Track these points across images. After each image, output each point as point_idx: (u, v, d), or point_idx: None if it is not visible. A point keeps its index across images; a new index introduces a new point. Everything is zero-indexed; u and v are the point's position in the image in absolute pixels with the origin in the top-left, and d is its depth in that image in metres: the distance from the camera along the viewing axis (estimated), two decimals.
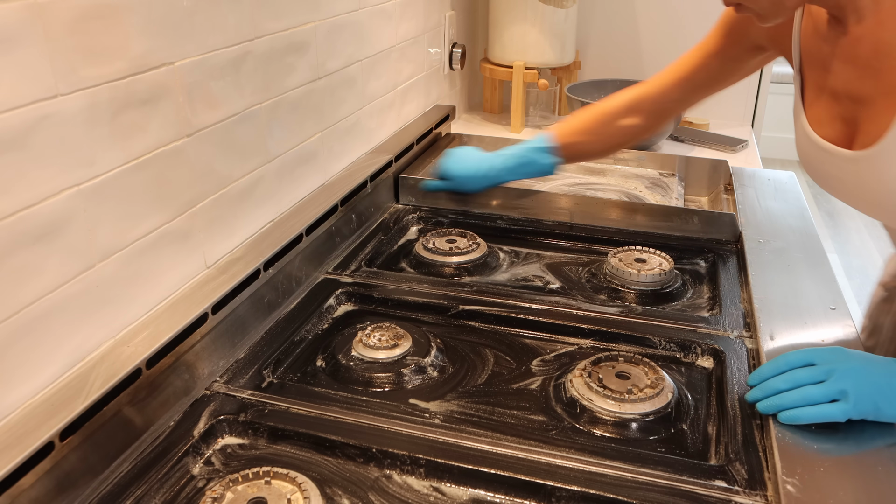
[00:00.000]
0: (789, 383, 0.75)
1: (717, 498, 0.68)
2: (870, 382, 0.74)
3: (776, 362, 0.78)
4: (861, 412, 0.73)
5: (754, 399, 0.77)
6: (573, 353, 0.94)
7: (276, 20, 0.98)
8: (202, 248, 0.89)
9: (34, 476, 0.62)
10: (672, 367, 0.91)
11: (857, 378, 0.74)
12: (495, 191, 1.31)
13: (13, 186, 0.63)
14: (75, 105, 0.68)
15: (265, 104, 0.98)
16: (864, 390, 0.73)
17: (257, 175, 0.99)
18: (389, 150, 1.34)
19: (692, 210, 1.23)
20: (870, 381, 0.74)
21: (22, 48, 0.62)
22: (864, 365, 0.75)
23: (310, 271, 1.07)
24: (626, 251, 1.14)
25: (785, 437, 0.73)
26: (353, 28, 1.20)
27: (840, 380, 0.74)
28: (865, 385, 0.73)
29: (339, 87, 1.19)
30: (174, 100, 0.81)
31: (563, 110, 1.92)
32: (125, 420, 0.73)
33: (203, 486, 0.72)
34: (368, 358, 0.89)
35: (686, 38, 1.88)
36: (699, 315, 1.00)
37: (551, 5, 1.70)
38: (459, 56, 1.71)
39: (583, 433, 0.79)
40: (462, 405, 0.84)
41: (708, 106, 1.87)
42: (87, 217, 0.71)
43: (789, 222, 1.21)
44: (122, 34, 0.72)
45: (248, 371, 0.86)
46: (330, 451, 0.76)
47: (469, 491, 0.72)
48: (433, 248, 1.16)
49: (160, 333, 0.77)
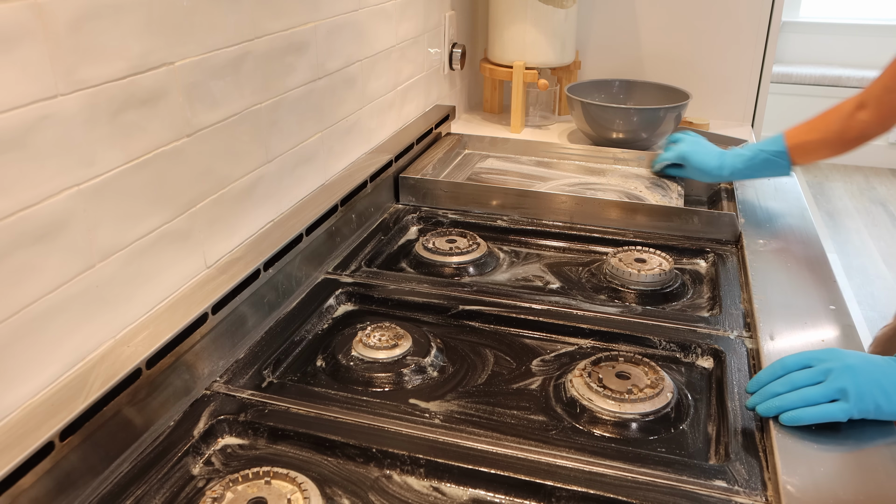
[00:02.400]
0: (788, 386, 0.75)
1: (717, 498, 0.68)
2: (869, 380, 0.74)
3: (772, 367, 0.78)
4: (862, 411, 0.73)
5: (754, 404, 0.77)
6: (573, 353, 0.94)
7: (276, 20, 0.98)
8: (202, 248, 0.89)
9: (34, 476, 0.62)
10: (672, 367, 0.91)
11: (855, 376, 0.74)
12: (495, 191, 1.32)
13: (13, 186, 0.63)
14: (75, 105, 0.68)
15: (265, 104, 0.98)
16: (864, 388, 0.73)
17: (257, 175, 0.99)
18: (389, 150, 1.34)
19: (692, 210, 1.23)
20: (869, 379, 0.74)
21: (22, 48, 0.62)
22: (862, 363, 0.75)
23: (310, 271, 1.07)
24: (626, 251, 1.14)
25: (785, 437, 0.73)
26: (353, 28, 1.20)
27: (838, 379, 0.74)
28: (865, 383, 0.73)
29: (339, 87, 1.19)
30: (174, 100, 0.81)
31: (563, 110, 1.92)
32: (125, 420, 0.73)
33: (203, 486, 0.72)
34: (368, 358, 0.89)
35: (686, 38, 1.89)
36: (699, 315, 1.00)
37: (551, 5, 1.70)
38: (459, 56, 1.71)
39: (583, 433, 0.79)
40: (462, 405, 0.84)
41: (708, 106, 1.88)
42: (87, 217, 0.71)
43: (789, 222, 1.21)
44: (122, 34, 0.72)
45: (248, 371, 0.86)
46: (330, 451, 0.76)
47: (469, 491, 0.72)
48: (433, 248, 1.16)
49: (160, 333, 0.77)
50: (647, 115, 1.60)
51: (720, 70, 1.86)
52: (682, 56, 1.88)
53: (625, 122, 1.60)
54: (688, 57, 1.88)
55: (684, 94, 1.67)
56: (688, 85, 1.76)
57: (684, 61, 1.88)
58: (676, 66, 1.89)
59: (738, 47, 1.83)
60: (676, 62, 1.89)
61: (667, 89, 1.73)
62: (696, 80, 1.85)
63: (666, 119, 1.60)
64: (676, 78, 1.84)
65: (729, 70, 1.86)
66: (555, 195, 1.29)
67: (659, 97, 1.73)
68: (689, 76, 1.86)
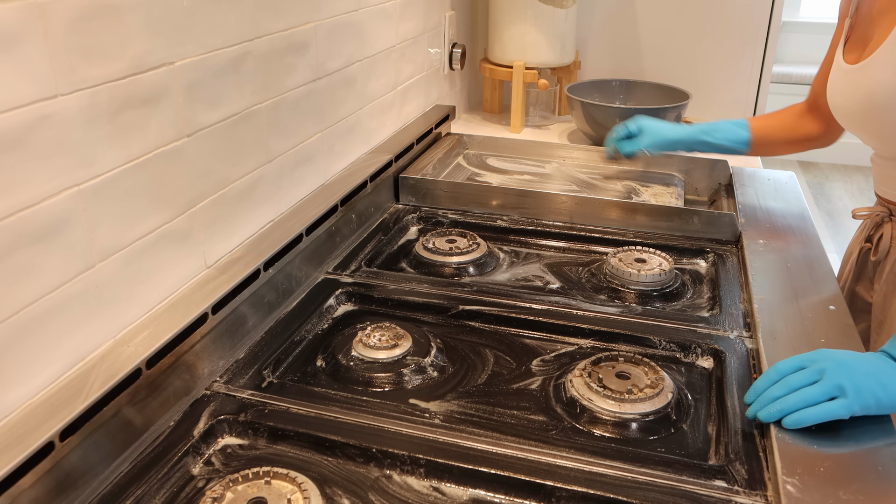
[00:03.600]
0: (785, 389, 0.76)
1: (717, 498, 0.68)
2: (865, 375, 0.74)
3: (767, 375, 0.78)
4: (863, 405, 0.73)
5: (755, 412, 0.77)
6: (573, 353, 0.94)
7: (276, 20, 0.98)
8: (202, 248, 0.89)
9: (34, 476, 0.62)
10: (672, 367, 0.91)
11: (850, 373, 0.74)
12: (495, 191, 1.32)
13: (13, 186, 0.63)
14: (75, 105, 0.68)
15: (265, 104, 0.98)
16: (861, 384, 0.73)
17: (257, 175, 0.99)
18: (389, 150, 1.34)
19: (692, 210, 1.23)
20: (864, 374, 0.74)
21: (22, 48, 0.62)
22: (853, 360, 0.76)
23: (310, 271, 1.07)
24: (626, 251, 1.14)
25: (785, 437, 0.73)
26: (353, 28, 1.20)
27: (833, 376, 0.74)
28: (861, 378, 0.74)
29: (339, 87, 1.19)
30: (174, 100, 0.81)
31: (563, 110, 1.92)
32: (125, 420, 0.73)
33: (203, 486, 0.72)
34: (368, 358, 0.89)
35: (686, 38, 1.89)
36: (699, 315, 1.00)
37: (551, 5, 1.70)
38: (459, 56, 1.71)
39: (583, 433, 0.79)
40: (462, 405, 0.84)
41: (708, 106, 1.88)
42: (87, 217, 0.71)
43: (789, 222, 1.21)
44: (122, 34, 0.72)
45: (248, 371, 0.86)
46: (330, 451, 0.76)
47: (469, 491, 0.72)
48: (433, 248, 1.16)
49: (160, 333, 0.77)
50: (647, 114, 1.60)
51: (720, 70, 1.86)
52: (682, 56, 1.88)
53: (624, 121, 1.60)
54: (688, 57, 1.88)
55: (684, 94, 1.67)
56: (688, 85, 1.76)
57: (684, 61, 1.88)
58: (676, 66, 1.89)
59: (738, 47, 1.83)
60: (676, 62, 1.89)
61: (666, 89, 1.74)
62: (696, 80, 1.85)
63: (665, 119, 1.60)
64: (676, 78, 1.84)
65: (729, 70, 1.86)
66: (555, 195, 1.29)
67: (659, 97, 1.73)
68: (689, 76, 1.86)
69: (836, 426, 0.74)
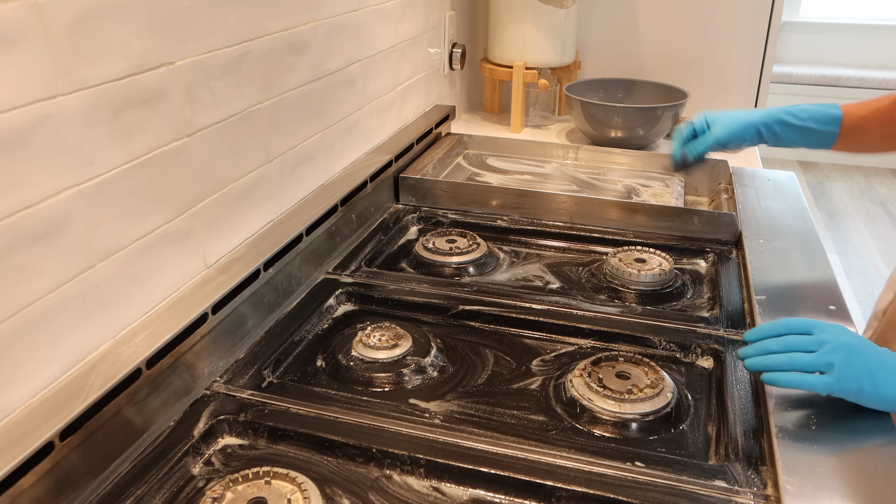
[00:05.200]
0: (782, 346, 0.76)
1: (717, 498, 0.68)
2: (860, 362, 0.73)
3: (775, 324, 0.78)
4: (844, 390, 0.73)
5: (745, 355, 0.77)
6: (573, 353, 0.94)
7: (276, 20, 0.98)
8: (202, 248, 0.89)
9: (34, 476, 0.62)
10: (672, 367, 0.91)
11: (847, 355, 0.73)
12: (495, 191, 1.32)
13: (13, 186, 0.63)
14: (75, 105, 0.68)
15: (265, 104, 0.98)
16: (851, 369, 0.73)
17: (257, 175, 0.99)
18: (389, 150, 1.34)
19: (692, 210, 1.23)
20: (860, 361, 0.73)
21: (22, 48, 0.62)
22: (860, 345, 0.75)
23: (310, 271, 1.07)
24: (626, 251, 1.14)
25: (785, 437, 0.73)
26: (353, 28, 1.20)
27: (831, 353, 0.73)
28: (855, 364, 0.73)
29: (339, 87, 1.19)
30: (174, 100, 0.81)
31: (562, 110, 1.92)
32: (125, 420, 0.73)
33: (203, 486, 0.72)
34: (368, 358, 0.89)
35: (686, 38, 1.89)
36: (699, 315, 1.00)
37: (551, 5, 1.70)
38: (459, 56, 1.71)
39: (583, 433, 0.79)
40: (462, 405, 0.84)
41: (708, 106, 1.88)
42: (87, 217, 0.71)
43: (789, 222, 1.21)
44: (122, 34, 0.72)
45: (248, 371, 0.86)
46: (330, 451, 0.76)
47: (469, 491, 0.72)
48: (433, 248, 1.16)
49: (160, 333, 0.77)
50: (645, 113, 1.60)
51: (720, 70, 1.86)
52: (682, 56, 1.88)
53: (623, 120, 1.60)
54: (688, 57, 1.88)
55: (682, 93, 1.67)
56: (688, 85, 1.76)
57: (684, 61, 1.88)
58: (676, 66, 1.89)
59: (738, 47, 1.83)
60: (676, 62, 1.89)
61: (665, 88, 1.74)
62: (696, 80, 1.85)
63: (664, 117, 1.60)
64: (676, 78, 1.84)
65: (729, 70, 1.86)
66: (555, 195, 1.29)
67: (658, 96, 1.73)
68: (688, 76, 1.86)
69: (836, 426, 0.74)
